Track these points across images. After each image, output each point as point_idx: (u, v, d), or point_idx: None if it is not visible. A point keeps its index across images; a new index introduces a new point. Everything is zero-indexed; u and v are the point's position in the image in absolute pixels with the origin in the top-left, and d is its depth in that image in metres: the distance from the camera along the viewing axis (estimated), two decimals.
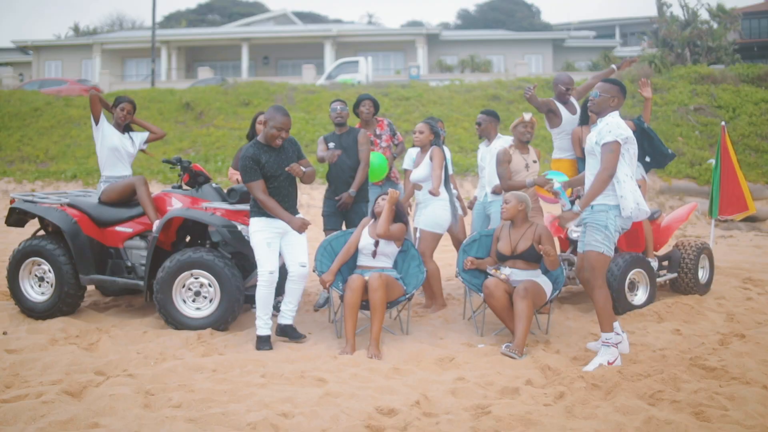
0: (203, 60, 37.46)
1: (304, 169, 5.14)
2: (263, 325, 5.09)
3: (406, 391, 4.17)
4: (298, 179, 5.27)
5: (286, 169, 5.08)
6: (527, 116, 6.04)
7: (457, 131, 18.19)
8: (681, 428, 3.57)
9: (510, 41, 36.23)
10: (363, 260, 5.47)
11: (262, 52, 37.37)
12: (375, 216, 5.57)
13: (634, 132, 5.82)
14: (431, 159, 6.00)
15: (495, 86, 21.37)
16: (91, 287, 6.81)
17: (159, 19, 52.86)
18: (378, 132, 6.75)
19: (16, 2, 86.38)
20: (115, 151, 6.14)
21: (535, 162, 6.08)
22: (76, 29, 46.45)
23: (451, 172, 6.58)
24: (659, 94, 19.45)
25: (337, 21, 48.72)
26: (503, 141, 6.37)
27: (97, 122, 6.13)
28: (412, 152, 6.60)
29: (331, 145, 6.27)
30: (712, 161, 15.46)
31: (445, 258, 7.73)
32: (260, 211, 5.13)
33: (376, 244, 5.42)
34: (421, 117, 19.06)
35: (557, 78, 6.79)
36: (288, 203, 5.20)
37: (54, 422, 3.61)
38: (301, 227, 5.18)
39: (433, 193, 5.84)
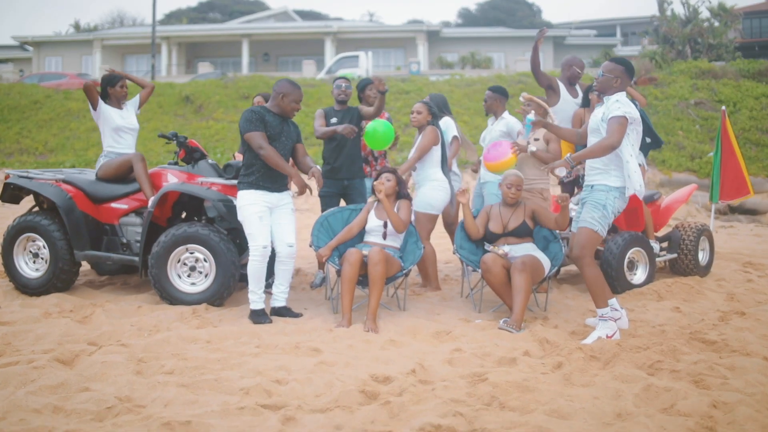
0: (204, 56, 37.42)
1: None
2: (257, 300, 5.04)
3: (402, 360, 4.12)
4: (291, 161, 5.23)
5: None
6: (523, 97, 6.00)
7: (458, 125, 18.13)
8: (680, 395, 3.52)
9: (510, 38, 36.19)
10: (371, 238, 5.42)
11: (262, 48, 37.34)
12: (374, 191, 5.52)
13: None
14: (422, 135, 5.95)
15: (495, 81, 21.31)
16: (86, 267, 6.78)
17: (160, 17, 52.88)
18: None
19: (17, 0, 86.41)
20: (119, 130, 6.09)
21: (537, 140, 6.02)
22: (76, 26, 46.39)
23: (459, 137, 6.52)
24: (660, 89, 19.40)
25: (338, 19, 48.71)
26: (505, 121, 6.26)
27: (95, 107, 6.05)
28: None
29: (334, 120, 6.19)
30: (712, 154, 15.45)
31: (442, 243, 7.68)
32: (250, 183, 5.03)
33: (385, 225, 5.38)
34: None
35: (572, 60, 6.72)
36: (276, 171, 5.06)
37: (44, 386, 3.57)
38: (303, 187, 5.03)
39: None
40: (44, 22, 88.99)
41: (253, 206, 5.00)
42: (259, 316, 5.00)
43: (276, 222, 5.11)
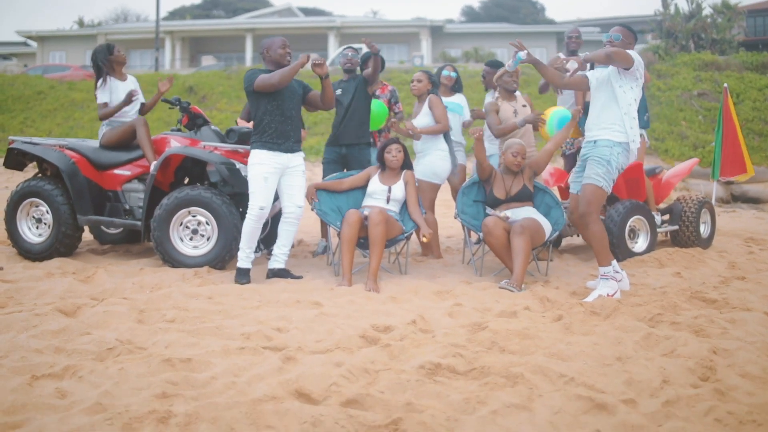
0: (207, 51, 37.46)
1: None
2: (245, 258, 5.03)
3: (403, 313, 4.14)
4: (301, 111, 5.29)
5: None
6: (510, 66, 6.00)
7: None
8: (680, 341, 3.53)
9: (514, 34, 36.11)
10: (372, 202, 5.43)
11: None
12: (382, 163, 5.52)
13: None
14: (431, 108, 5.97)
15: None
16: (89, 237, 6.80)
17: (164, 14, 52.91)
18: (377, 93, 6.64)
19: (23, 1, 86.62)
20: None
21: (524, 106, 6.03)
22: (80, 23, 46.45)
23: (467, 118, 6.54)
24: (663, 80, 19.39)
25: (342, 17, 48.70)
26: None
27: (105, 83, 6.03)
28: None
29: (338, 91, 6.23)
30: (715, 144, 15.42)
31: (445, 213, 7.69)
32: (262, 143, 5.04)
33: (389, 190, 5.41)
34: None
35: (568, 33, 6.97)
36: (289, 125, 5.10)
37: (46, 331, 3.59)
38: (317, 61, 4.94)
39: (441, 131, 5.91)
40: (48, 19, 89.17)
41: (260, 166, 5.01)
42: (241, 275, 4.99)
43: (286, 183, 5.13)
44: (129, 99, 5.95)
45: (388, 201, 5.38)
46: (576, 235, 6.69)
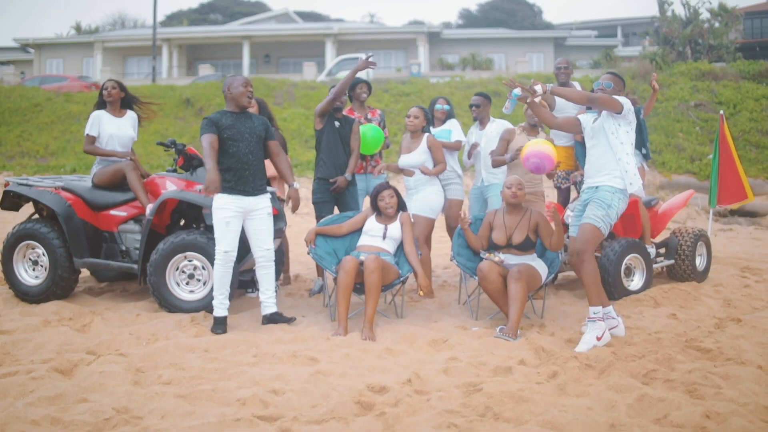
0: (204, 58, 37.44)
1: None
2: (219, 306, 5.02)
3: (398, 370, 4.14)
4: (264, 155, 5.22)
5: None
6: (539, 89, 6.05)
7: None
8: (674, 405, 3.54)
9: (511, 40, 36.19)
10: (368, 241, 5.44)
11: (263, 50, 37.38)
12: (378, 210, 5.52)
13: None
14: (430, 149, 5.98)
15: (495, 82, 21.33)
16: (85, 273, 6.81)
17: (161, 18, 52.96)
18: (369, 117, 6.68)
19: (18, 1, 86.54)
20: (112, 138, 6.10)
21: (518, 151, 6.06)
22: (77, 28, 46.42)
23: (463, 141, 6.56)
24: (660, 91, 19.41)
25: (339, 21, 48.75)
26: (497, 125, 6.43)
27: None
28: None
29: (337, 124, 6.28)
30: (712, 157, 15.47)
31: (441, 248, 7.70)
32: (225, 187, 4.99)
33: (386, 229, 5.43)
34: None
35: (556, 64, 7.00)
36: (247, 171, 5.02)
37: (43, 397, 3.60)
38: (210, 183, 4.79)
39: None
40: (45, 23, 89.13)
41: (222, 211, 4.98)
42: (217, 325, 4.97)
43: (252, 227, 5.10)
44: (119, 155, 5.93)
45: (384, 237, 5.39)
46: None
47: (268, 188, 5.33)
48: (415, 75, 26.62)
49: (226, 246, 4.99)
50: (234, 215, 4.99)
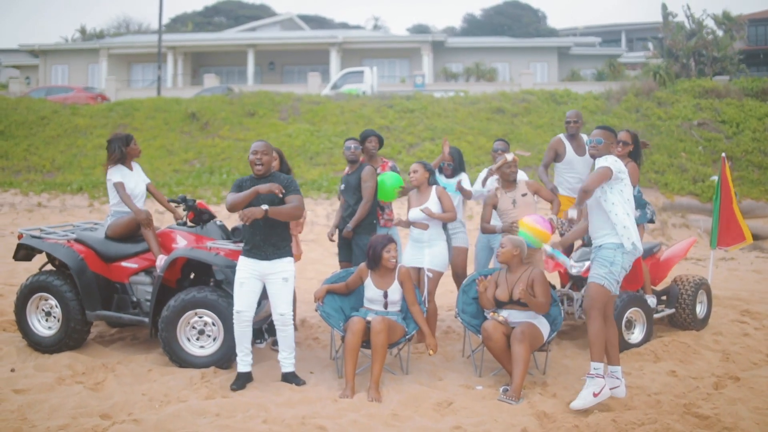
0: (209, 65, 37.59)
1: (265, 208, 4.96)
2: (240, 362, 5.23)
3: None
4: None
5: (240, 213, 4.97)
6: (510, 156, 6.14)
7: (461, 144, 18.25)
8: None
9: (515, 49, 36.27)
10: (374, 306, 5.56)
11: (267, 58, 37.49)
12: (375, 263, 5.58)
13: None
14: (440, 199, 6.07)
15: (499, 98, 21.43)
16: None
17: (165, 21, 53.00)
18: (379, 171, 6.79)
19: (23, 3, 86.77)
20: (130, 192, 6.24)
21: (524, 195, 6.13)
22: (82, 31, 46.59)
23: (470, 188, 6.68)
24: (663, 108, 19.52)
25: (343, 25, 48.94)
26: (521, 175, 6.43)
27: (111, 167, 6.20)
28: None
29: (342, 186, 6.45)
30: (715, 178, 15.53)
31: (446, 283, 7.79)
32: (244, 251, 5.22)
33: (385, 295, 5.50)
34: (425, 130, 19.16)
35: (567, 117, 7.14)
36: (259, 237, 5.15)
37: None
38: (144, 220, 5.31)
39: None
40: (50, 25, 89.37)
41: (238, 272, 5.19)
42: (236, 380, 5.18)
43: (270, 291, 5.24)
44: (142, 219, 6.01)
45: (386, 307, 5.50)
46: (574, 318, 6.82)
47: None
48: (419, 87, 26.73)
49: (239, 306, 5.15)
50: (248, 277, 5.15)
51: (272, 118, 20.70)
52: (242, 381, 5.18)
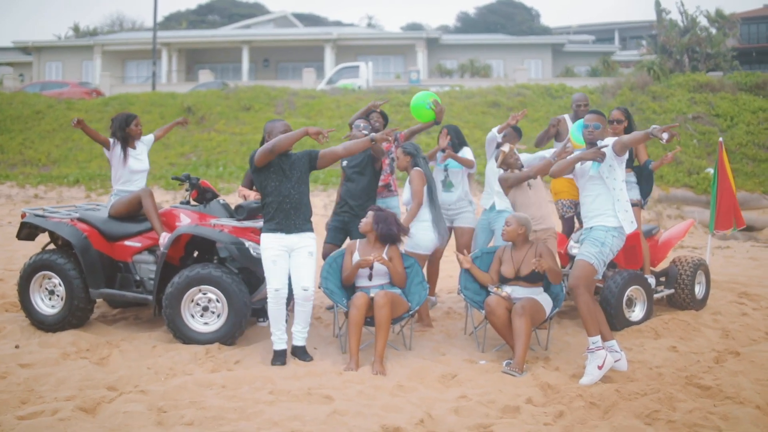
0: (204, 62, 37.56)
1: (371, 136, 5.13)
2: (277, 341, 5.22)
3: (411, 408, 4.30)
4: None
5: (312, 133, 4.97)
6: (506, 148, 6.18)
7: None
8: None
9: (509, 46, 36.38)
10: (361, 282, 5.58)
11: (262, 54, 37.48)
12: (383, 237, 5.62)
13: (642, 167, 6.14)
14: (410, 182, 6.09)
15: (495, 93, 21.50)
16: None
17: (159, 19, 52.83)
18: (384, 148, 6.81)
19: (17, 1, 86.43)
20: (133, 173, 6.30)
21: (534, 178, 6.20)
22: (76, 29, 46.45)
23: (472, 171, 6.66)
24: (657, 102, 19.61)
25: (337, 23, 48.82)
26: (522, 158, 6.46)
27: (109, 147, 6.27)
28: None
29: (344, 162, 6.44)
30: (710, 170, 15.62)
31: (447, 269, 7.85)
32: (268, 228, 5.21)
33: (371, 267, 5.53)
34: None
35: (575, 99, 7.29)
36: (289, 205, 5.16)
37: None
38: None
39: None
40: (44, 23, 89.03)
41: (268, 251, 5.18)
42: (276, 358, 5.19)
43: (293, 265, 5.24)
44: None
45: (370, 278, 5.50)
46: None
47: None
48: (414, 82, 26.76)
49: (276, 284, 5.16)
50: (279, 253, 5.17)
51: (268, 112, 20.70)
52: (282, 358, 5.19)
